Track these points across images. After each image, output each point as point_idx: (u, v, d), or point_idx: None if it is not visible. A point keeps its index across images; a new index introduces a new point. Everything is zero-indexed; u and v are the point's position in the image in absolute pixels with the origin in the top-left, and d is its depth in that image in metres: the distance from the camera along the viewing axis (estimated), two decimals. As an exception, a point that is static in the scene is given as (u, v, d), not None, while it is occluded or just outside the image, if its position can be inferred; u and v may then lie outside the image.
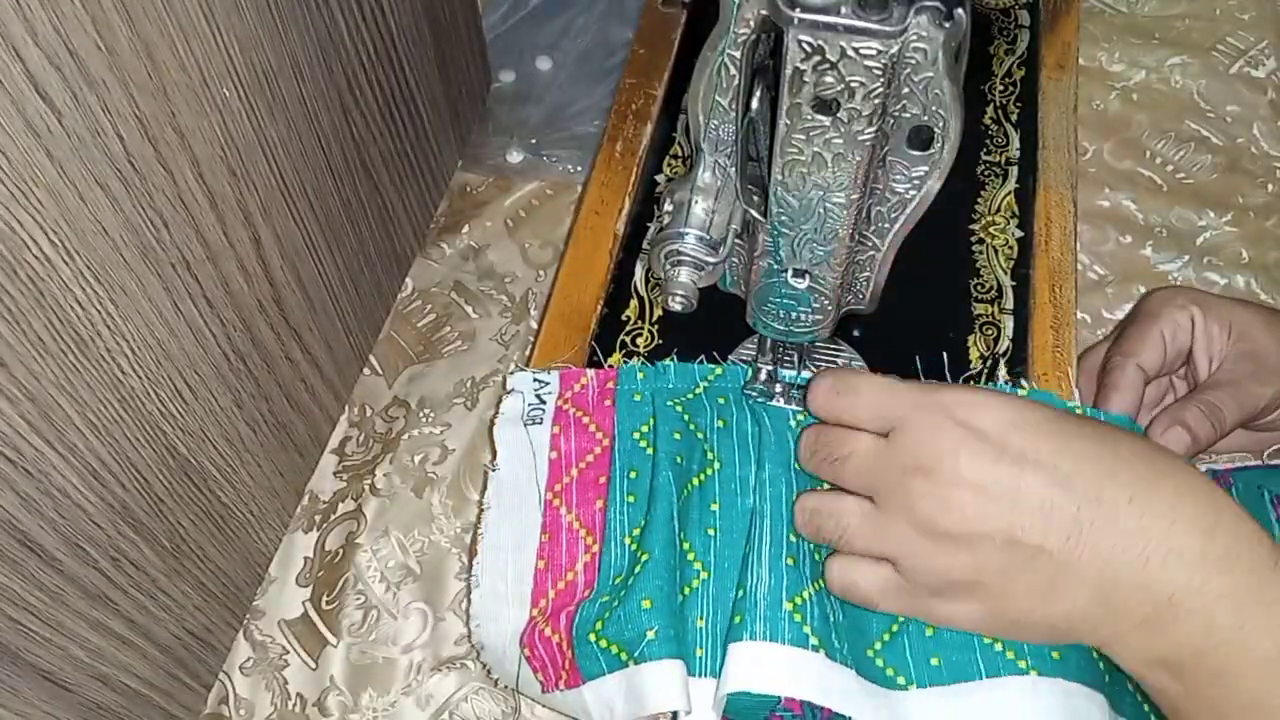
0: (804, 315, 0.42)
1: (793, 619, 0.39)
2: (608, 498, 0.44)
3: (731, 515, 0.43)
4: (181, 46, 0.38)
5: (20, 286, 0.33)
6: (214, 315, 0.43)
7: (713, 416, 0.46)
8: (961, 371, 0.49)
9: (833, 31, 0.31)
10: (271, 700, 0.50)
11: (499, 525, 0.45)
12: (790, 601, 0.40)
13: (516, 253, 0.64)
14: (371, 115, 0.54)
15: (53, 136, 0.33)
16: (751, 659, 0.38)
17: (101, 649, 0.41)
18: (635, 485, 0.44)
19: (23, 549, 0.36)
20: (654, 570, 0.41)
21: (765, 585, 0.40)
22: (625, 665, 0.40)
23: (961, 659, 0.40)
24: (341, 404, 0.58)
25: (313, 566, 0.54)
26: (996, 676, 0.40)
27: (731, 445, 0.45)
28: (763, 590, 0.40)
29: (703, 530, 0.43)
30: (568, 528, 0.44)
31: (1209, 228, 0.62)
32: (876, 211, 0.38)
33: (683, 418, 0.45)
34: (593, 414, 0.47)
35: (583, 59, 0.72)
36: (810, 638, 0.39)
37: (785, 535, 0.41)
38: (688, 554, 0.42)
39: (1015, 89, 0.60)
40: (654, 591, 0.40)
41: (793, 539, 0.41)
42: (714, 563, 0.42)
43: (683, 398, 0.46)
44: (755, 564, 0.40)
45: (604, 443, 0.46)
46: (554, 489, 0.45)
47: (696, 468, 0.44)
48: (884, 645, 0.41)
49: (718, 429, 0.45)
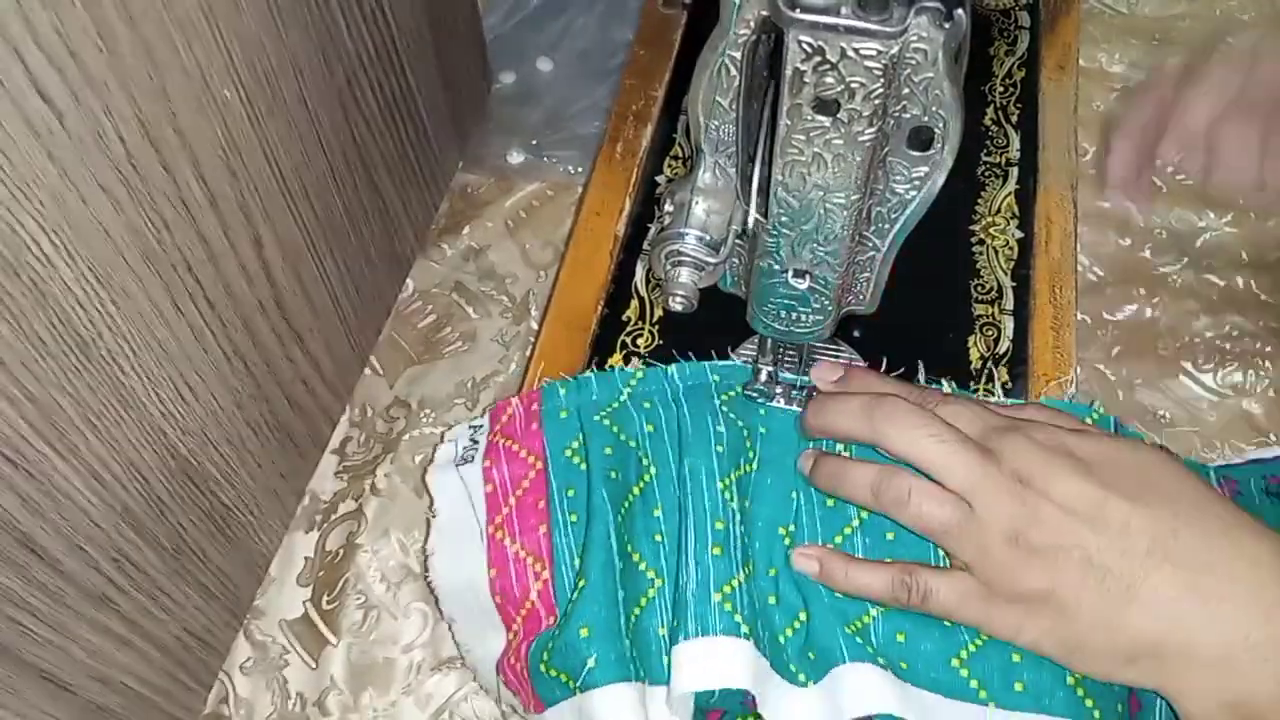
0: (804, 316, 0.43)
1: (723, 609, 0.39)
2: (550, 521, 0.44)
3: (675, 518, 0.43)
4: (182, 47, 0.38)
5: (21, 287, 0.33)
6: (215, 316, 0.44)
7: (641, 423, 0.45)
8: (962, 372, 0.49)
9: (833, 32, 0.31)
10: (271, 700, 0.50)
11: (447, 570, 0.45)
12: (719, 592, 0.40)
13: (517, 253, 0.64)
14: (372, 116, 0.54)
15: (54, 137, 0.33)
16: (689, 658, 0.39)
17: (102, 649, 0.41)
18: (575, 503, 0.44)
19: (23, 550, 0.36)
20: (590, 596, 0.41)
21: (694, 580, 0.40)
22: (574, 693, 0.40)
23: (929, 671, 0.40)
24: (342, 404, 0.58)
25: (313, 566, 0.54)
26: (954, 698, 0.40)
27: (664, 448, 0.45)
28: (692, 586, 0.40)
29: (650, 538, 0.42)
30: (515, 558, 0.44)
31: (1209, 229, 0.62)
32: (877, 212, 0.38)
33: (611, 430, 0.45)
34: (521, 440, 0.47)
35: (583, 60, 0.72)
36: (741, 625, 0.39)
37: (710, 525, 0.41)
38: (639, 565, 0.42)
39: (1015, 90, 0.60)
40: (591, 618, 0.41)
41: (719, 527, 0.41)
42: (666, 568, 0.42)
43: (608, 409, 0.46)
44: (685, 561, 0.41)
45: (537, 466, 0.46)
46: (494, 521, 0.45)
47: (634, 478, 0.44)
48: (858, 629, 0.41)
49: (648, 434, 0.45)
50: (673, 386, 0.47)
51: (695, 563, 0.40)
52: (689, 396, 0.46)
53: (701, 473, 0.43)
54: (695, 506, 0.42)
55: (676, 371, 0.47)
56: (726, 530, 0.41)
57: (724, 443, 0.44)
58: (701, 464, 0.43)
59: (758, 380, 0.46)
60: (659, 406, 0.46)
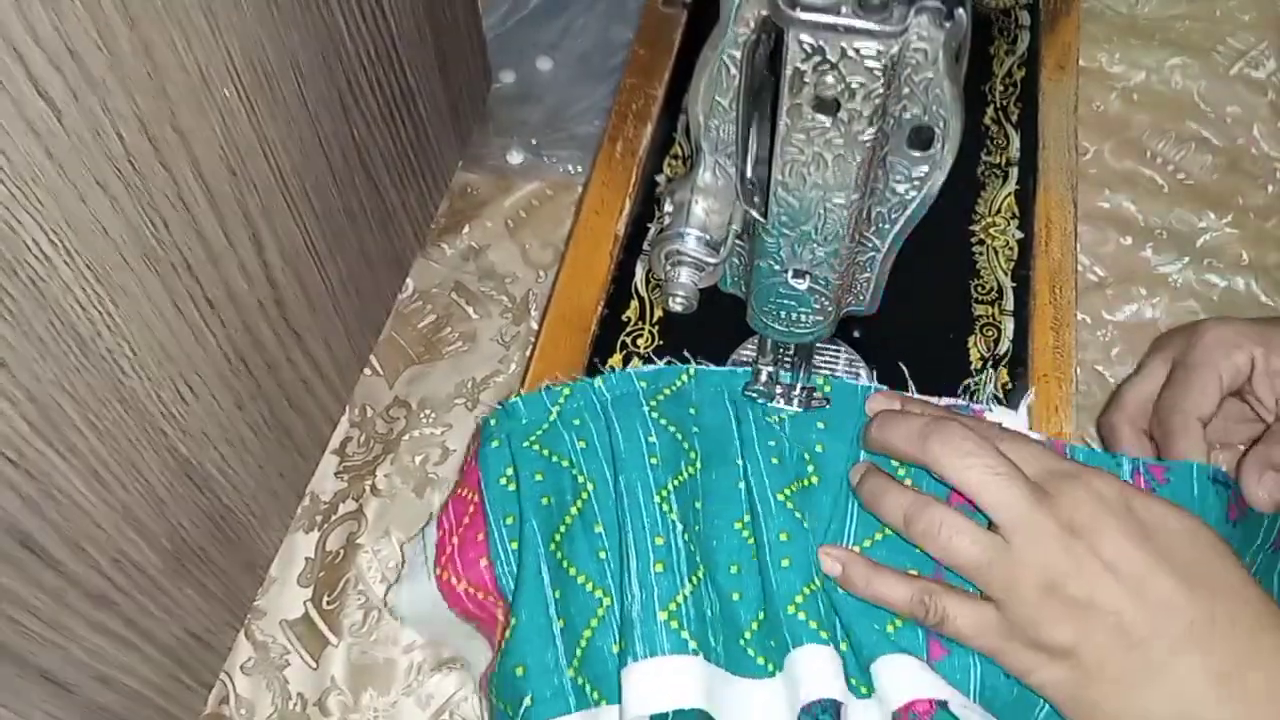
0: (804, 316, 0.42)
1: (669, 628, 0.39)
2: (489, 553, 0.44)
3: (617, 534, 0.43)
4: (182, 47, 0.38)
5: (21, 287, 0.33)
6: (215, 316, 0.44)
7: (572, 440, 0.45)
8: (962, 372, 0.49)
9: (833, 32, 0.31)
10: (272, 700, 0.50)
11: (408, 604, 0.46)
12: (665, 610, 0.40)
13: (517, 253, 0.64)
14: (372, 115, 0.54)
15: (53, 136, 0.33)
16: (639, 680, 0.38)
17: (102, 649, 0.41)
18: (514, 530, 0.44)
19: (24, 550, 0.36)
20: (522, 635, 0.41)
21: (639, 601, 0.40)
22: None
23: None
24: (342, 404, 0.58)
25: (314, 567, 0.54)
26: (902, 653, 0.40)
27: (599, 463, 0.44)
28: (637, 608, 0.40)
29: (594, 556, 0.42)
30: (466, 595, 0.44)
31: (1209, 229, 0.62)
32: (877, 212, 0.38)
33: (541, 454, 0.45)
34: (465, 479, 0.47)
35: (583, 59, 0.72)
36: (689, 642, 0.39)
37: (650, 542, 0.41)
38: (585, 585, 0.42)
39: (1016, 89, 0.60)
40: (523, 656, 0.41)
41: (659, 543, 0.41)
42: (613, 585, 0.42)
43: (538, 432, 0.46)
44: (627, 581, 0.40)
45: (474, 499, 0.45)
46: (440, 563, 0.44)
47: (570, 498, 0.44)
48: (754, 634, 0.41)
49: (580, 451, 0.45)
50: (600, 399, 0.46)
51: (639, 583, 0.40)
52: (617, 408, 0.45)
53: (638, 489, 0.42)
54: (634, 524, 0.42)
55: (603, 382, 0.46)
56: (668, 544, 0.41)
57: (657, 453, 0.43)
58: (637, 479, 0.43)
59: (758, 380, 0.46)
60: (588, 421, 0.45)
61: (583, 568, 0.42)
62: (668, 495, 0.42)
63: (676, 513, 0.42)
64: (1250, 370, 0.45)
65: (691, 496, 0.43)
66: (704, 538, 0.43)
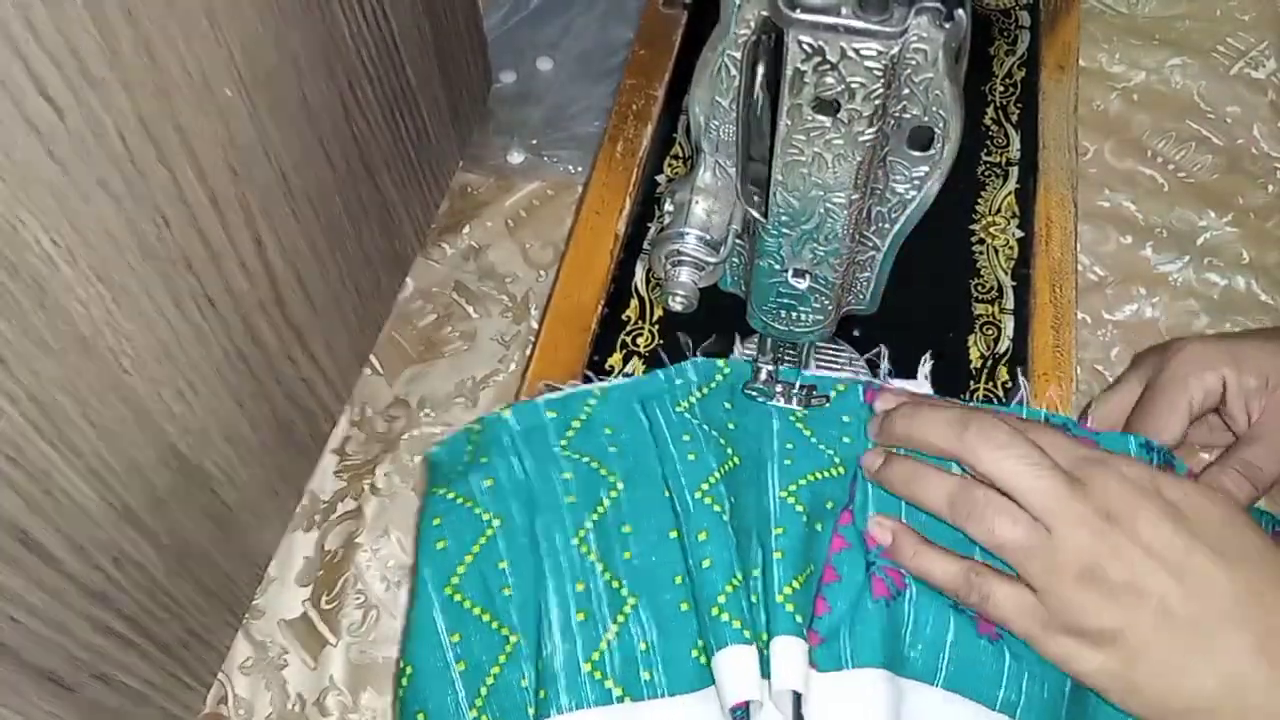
0: (804, 315, 0.43)
1: (593, 678, 0.39)
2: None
3: (525, 567, 0.43)
4: (183, 46, 0.38)
5: (22, 286, 0.33)
6: (215, 315, 0.44)
7: (479, 480, 0.45)
8: (962, 371, 0.49)
9: (833, 32, 0.31)
10: (271, 700, 0.50)
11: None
12: (588, 661, 0.40)
13: (517, 253, 0.64)
14: (372, 115, 0.54)
15: (55, 136, 0.33)
16: None
17: (102, 648, 0.41)
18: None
19: (24, 549, 0.36)
20: (421, 680, 0.41)
21: (561, 652, 0.40)
22: None
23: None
24: (342, 403, 0.58)
25: (313, 566, 0.54)
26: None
27: (505, 501, 0.44)
28: (560, 659, 0.40)
29: (499, 593, 0.42)
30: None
31: (1209, 228, 0.62)
32: (877, 212, 0.38)
33: (446, 497, 0.45)
34: None
35: (583, 59, 0.72)
36: (614, 690, 0.39)
37: (570, 589, 0.41)
38: (490, 623, 0.42)
39: (1016, 89, 0.60)
40: (425, 701, 0.41)
41: (579, 588, 0.41)
42: (520, 622, 0.42)
43: (450, 475, 0.45)
44: (547, 629, 0.40)
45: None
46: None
47: (470, 538, 0.43)
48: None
49: (487, 490, 0.44)
50: (509, 432, 0.46)
51: (560, 633, 0.40)
52: (528, 443, 0.45)
53: (554, 533, 0.42)
54: (553, 571, 0.41)
55: (512, 416, 0.46)
56: (588, 590, 0.41)
57: (573, 490, 0.43)
58: (553, 522, 0.42)
59: (758, 379, 0.46)
60: (495, 459, 0.45)
61: (487, 606, 0.42)
62: (586, 535, 0.42)
63: (597, 552, 0.42)
64: (1223, 390, 0.46)
65: (617, 522, 0.43)
66: (639, 560, 0.42)
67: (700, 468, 0.43)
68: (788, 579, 0.40)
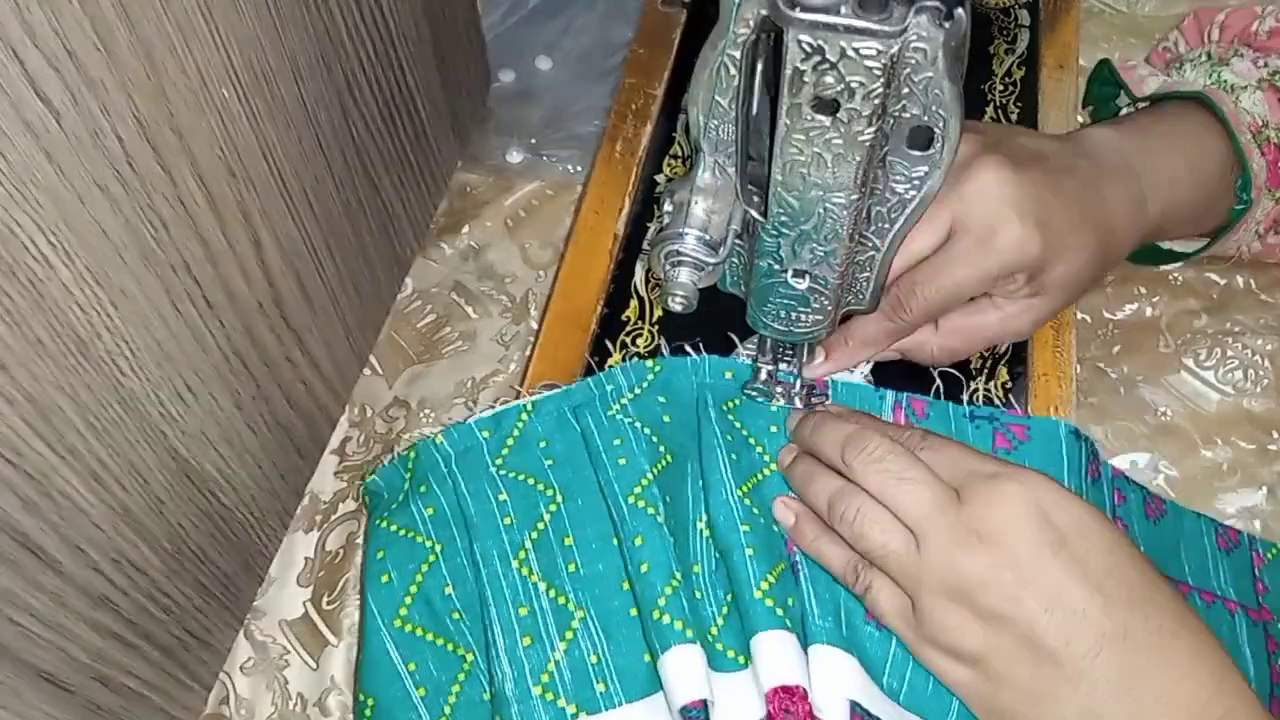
0: (804, 315, 0.42)
1: (545, 700, 0.40)
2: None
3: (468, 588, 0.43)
4: (180, 47, 0.38)
5: (20, 288, 0.33)
6: (214, 316, 0.43)
7: (419, 508, 0.45)
8: (962, 371, 0.49)
9: (833, 31, 0.31)
10: (272, 700, 0.50)
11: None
12: (539, 685, 0.40)
13: (516, 253, 0.64)
14: (371, 116, 0.54)
15: (51, 138, 0.33)
16: None
17: (102, 650, 0.41)
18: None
19: (23, 551, 0.36)
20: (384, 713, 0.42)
21: (510, 679, 0.40)
22: None
23: None
24: (342, 404, 0.58)
25: (313, 567, 0.54)
26: None
27: (448, 527, 0.44)
28: (510, 685, 0.40)
29: (448, 618, 0.43)
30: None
31: (1209, 227, 0.62)
32: (876, 211, 0.38)
33: (389, 530, 0.45)
34: None
35: (583, 59, 0.72)
36: (567, 708, 0.40)
37: (514, 615, 0.41)
38: (445, 646, 0.43)
39: (1015, 89, 0.60)
40: None
41: (523, 613, 0.41)
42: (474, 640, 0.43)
43: (390, 505, 0.46)
44: (496, 661, 0.41)
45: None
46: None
47: (414, 566, 0.44)
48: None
49: (429, 519, 0.45)
50: (444, 455, 0.46)
51: (509, 660, 0.40)
52: (462, 466, 0.45)
53: (494, 557, 0.42)
54: (495, 598, 0.42)
55: (446, 439, 0.46)
56: (532, 613, 0.41)
57: (510, 510, 0.43)
58: (492, 547, 0.43)
59: (757, 379, 0.46)
60: (434, 486, 0.45)
61: (439, 631, 0.43)
62: (526, 556, 0.42)
63: (538, 571, 0.42)
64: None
65: (559, 535, 0.43)
66: (584, 569, 0.42)
67: (632, 471, 0.43)
68: (763, 574, 0.40)
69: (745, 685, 0.39)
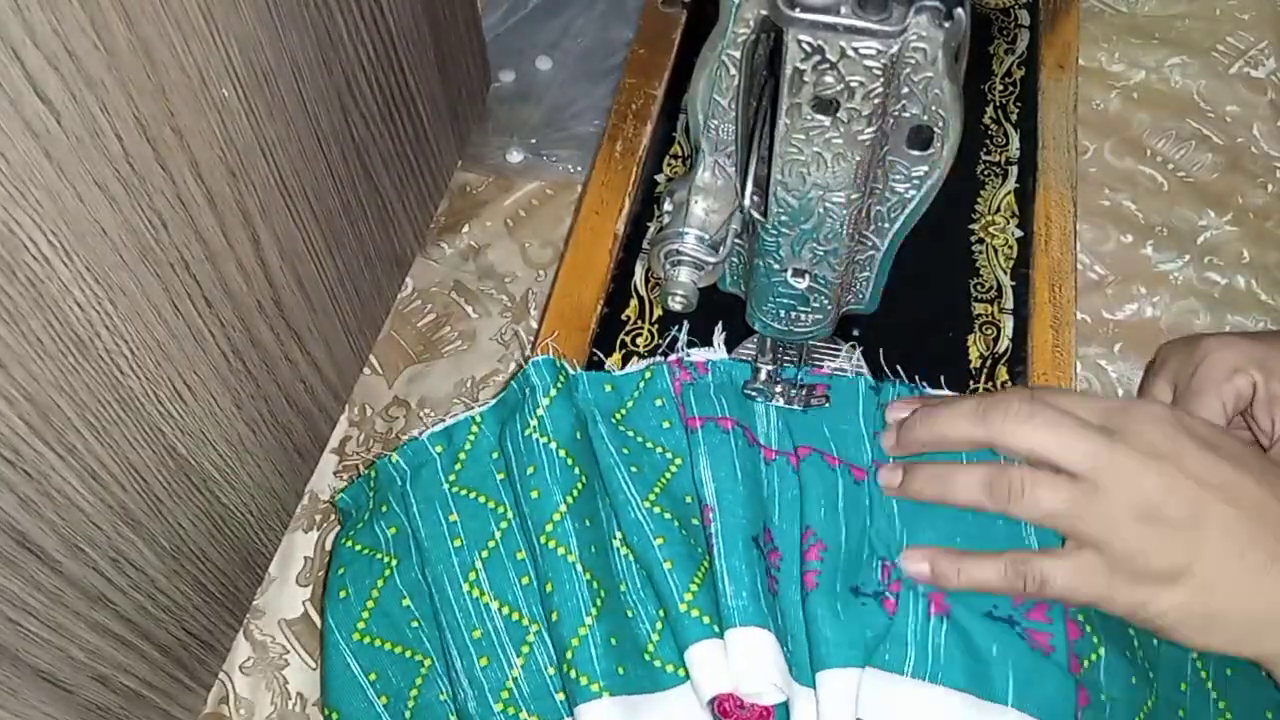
0: (804, 315, 0.42)
1: (508, 713, 0.40)
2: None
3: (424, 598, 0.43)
4: (180, 47, 0.38)
5: (19, 287, 0.33)
6: (213, 316, 0.43)
7: (383, 528, 0.45)
8: (962, 371, 0.49)
9: (832, 31, 0.31)
10: (272, 700, 0.50)
11: None
12: (499, 701, 0.40)
13: (516, 252, 0.64)
14: (371, 115, 0.54)
15: (51, 137, 0.32)
16: None
17: (101, 650, 0.41)
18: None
19: (22, 550, 0.36)
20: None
21: (472, 697, 0.40)
22: None
23: None
24: (341, 404, 0.58)
25: (313, 566, 0.54)
26: None
27: (406, 543, 0.45)
28: (472, 704, 0.40)
29: (407, 627, 0.43)
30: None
31: (1209, 227, 0.62)
32: (876, 211, 0.38)
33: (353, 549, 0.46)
34: None
35: (583, 59, 0.72)
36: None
37: (468, 637, 0.41)
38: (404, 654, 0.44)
39: (1015, 89, 0.60)
40: None
41: (476, 635, 0.41)
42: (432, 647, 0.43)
43: (355, 526, 0.46)
44: (457, 679, 0.41)
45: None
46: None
47: (370, 580, 0.44)
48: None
49: (392, 537, 0.45)
50: (400, 473, 0.46)
51: (468, 680, 0.41)
52: (416, 486, 0.45)
53: (444, 581, 0.42)
54: (449, 621, 0.42)
55: (401, 456, 0.46)
56: (486, 634, 0.41)
57: (460, 531, 0.43)
58: (443, 570, 0.43)
59: (757, 379, 0.46)
60: (394, 505, 0.45)
61: (398, 640, 0.43)
62: (477, 577, 0.42)
63: (490, 591, 0.42)
64: (1253, 395, 0.45)
65: (511, 551, 0.43)
66: (537, 582, 0.42)
67: (546, 504, 0.42)
68: (685, 585, 0.40)
69: (687, 697, 0.40)
